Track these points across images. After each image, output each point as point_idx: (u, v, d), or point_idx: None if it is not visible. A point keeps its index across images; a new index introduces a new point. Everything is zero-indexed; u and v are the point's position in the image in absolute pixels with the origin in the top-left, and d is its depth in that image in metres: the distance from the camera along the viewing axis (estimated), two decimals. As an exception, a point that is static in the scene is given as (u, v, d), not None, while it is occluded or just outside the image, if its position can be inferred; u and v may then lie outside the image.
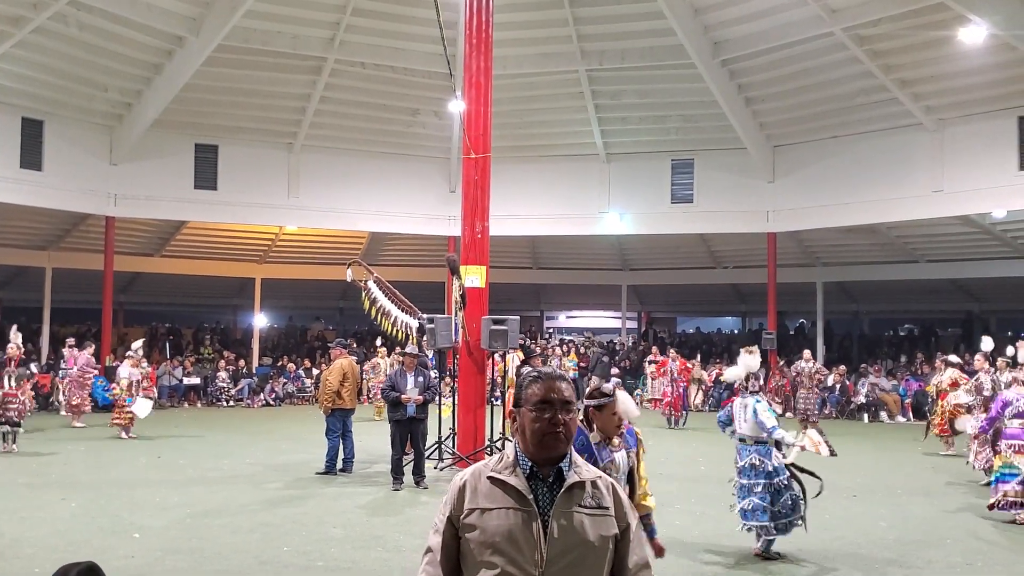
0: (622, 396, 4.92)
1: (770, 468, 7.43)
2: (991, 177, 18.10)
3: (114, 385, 16.03)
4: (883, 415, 20.74)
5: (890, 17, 16.79)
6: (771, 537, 7.43)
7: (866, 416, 20.80)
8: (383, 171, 22.54)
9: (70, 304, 26.30)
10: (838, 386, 21.18)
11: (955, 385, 14.18)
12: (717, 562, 7.42)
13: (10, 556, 7.22)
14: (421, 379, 10.89)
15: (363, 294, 13.35)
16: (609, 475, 4.37)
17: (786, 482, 7.45)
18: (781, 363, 22.22)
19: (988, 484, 9.83)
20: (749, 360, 8.22)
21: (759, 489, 7.41)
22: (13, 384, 13.45)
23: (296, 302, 31.36)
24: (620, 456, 4.76)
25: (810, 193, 20.97)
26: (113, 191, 20.45)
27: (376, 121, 21.88)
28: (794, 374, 18.22)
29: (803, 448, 7.51)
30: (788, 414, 20.92)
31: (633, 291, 29.20)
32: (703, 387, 22.20)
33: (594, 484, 2.48)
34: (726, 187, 21.93)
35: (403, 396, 10.65)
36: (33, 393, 13.85)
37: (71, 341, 19.67)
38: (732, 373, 8.33)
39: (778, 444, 7.49)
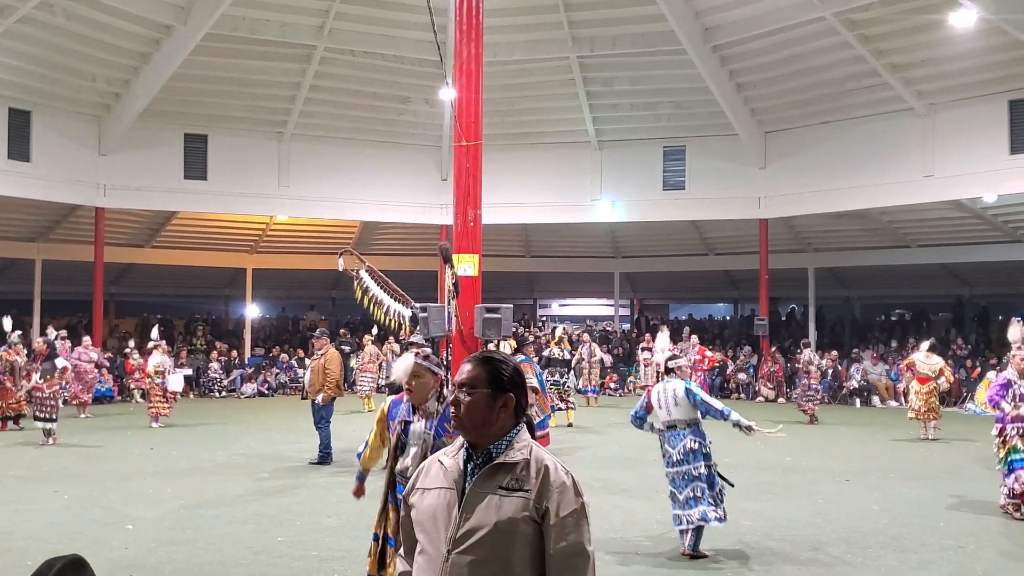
0: (397, 361, 4.86)
1: (707, 450, 7.13)
2: (982, 161, 18.15)
3: (146, 375, 16.29)
4: (875, 400, 20.83)
5: (881, 1, 16.77)
6: (701, 526, 7.06)
7: (858, 401, 20.89)
8: (374, 159, 22.47)
9: (60, 296, 26.17)
10: (830, 371, 21.25)
11: (924, 381, 14.24)
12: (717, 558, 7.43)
13: (2, 548, 7.19)
14: None
15: (355, 283, 13.29)
16: (404, 439, 4.57)
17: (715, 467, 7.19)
18: (773, 349, 22.29)
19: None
20: (662, 341, 8.09)
21: (699, 472, 7.06)
22: (40, 379, 13.62)
23: (288, 292, 31.28)
24: (417, 426, 4.68)
25: (802, 179, 21.00)
26: (102, 182, 20.35)
27: (366, 109, 21.80)
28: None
29: (757, 430, 7.14)
30: (780, 399, 21.05)
31: (626, 278, 29.22)
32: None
33: (524, 466, 2.44)
34: (718, 174, 21.93)
35: None
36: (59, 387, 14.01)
37: (63, 334, 19.57)
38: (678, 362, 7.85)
39: (735, 424, 7.11)
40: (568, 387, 16.50)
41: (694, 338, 18.38)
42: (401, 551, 2.68)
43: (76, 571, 1.93)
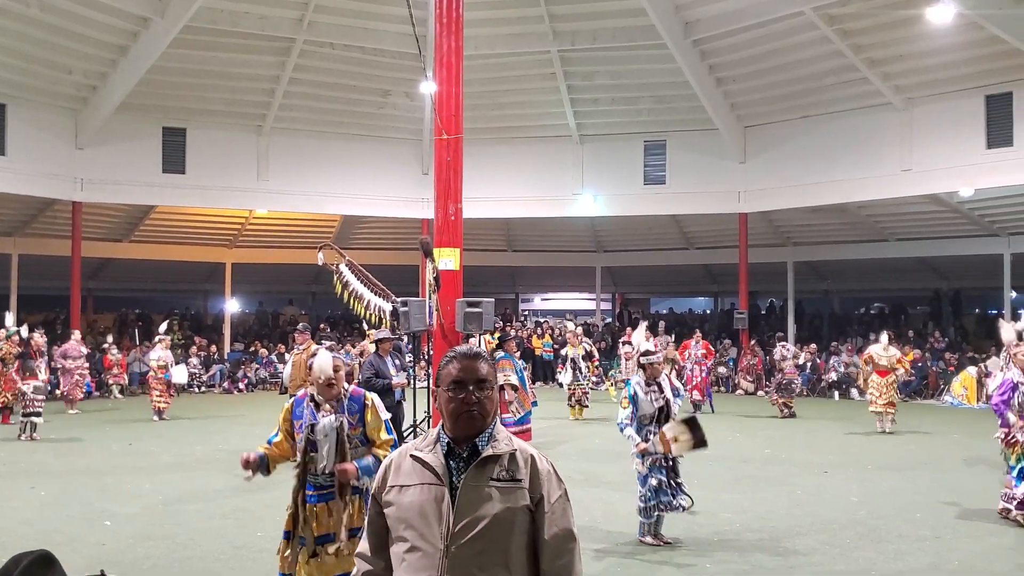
0: (317, 356, 4.88)
1: (634, 450, 7.23)
2: (959, 156, 18.31)
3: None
4: (853, 392, 20.98)
5: (859, -4, 16.89)
6: (645, 520, 7.27)
7: (836, 393, 21.04)
8: (354, 153, 22.38)
9: (37, 291, 25.89)
10: (809, 364, 21.39)
11: (883, 373, 14.42)
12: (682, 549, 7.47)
13: (-21, 546, 7.12)
14: (398, 362, 10.87)
15: (335, 278, 13.25)
16: (313, 438, 4.63)
17: (650, 467, 7.19)
18: (753, 343, 22.41)
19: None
20: (637, 336, 8.18)
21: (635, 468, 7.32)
22: (41, 375, 13.81)
23: (267, 287, 31.11)
24: (326, 421, 4.75)
25: (781, 173, 21.13)
26: (79, 176, 20.15)
27: (347, 103, 21.70)
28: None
29: (643, 450, 7.17)
30: (760, 392, 21.18)
31: (607, 272, 29.29)
32: (676, 367, 22.27)
33: (511, 457, 2.49)
34: (698, 168, 22.03)
35: (394, 382, 10.58)
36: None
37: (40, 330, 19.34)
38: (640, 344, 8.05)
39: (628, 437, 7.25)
40: (588, 384, 16.92)
41: (697, 333, 18.82)
42: (361, 550, 2.63)
43: (44, 567, 1.91)
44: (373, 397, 4.90)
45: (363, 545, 2.62)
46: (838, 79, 19.38)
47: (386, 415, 4.91)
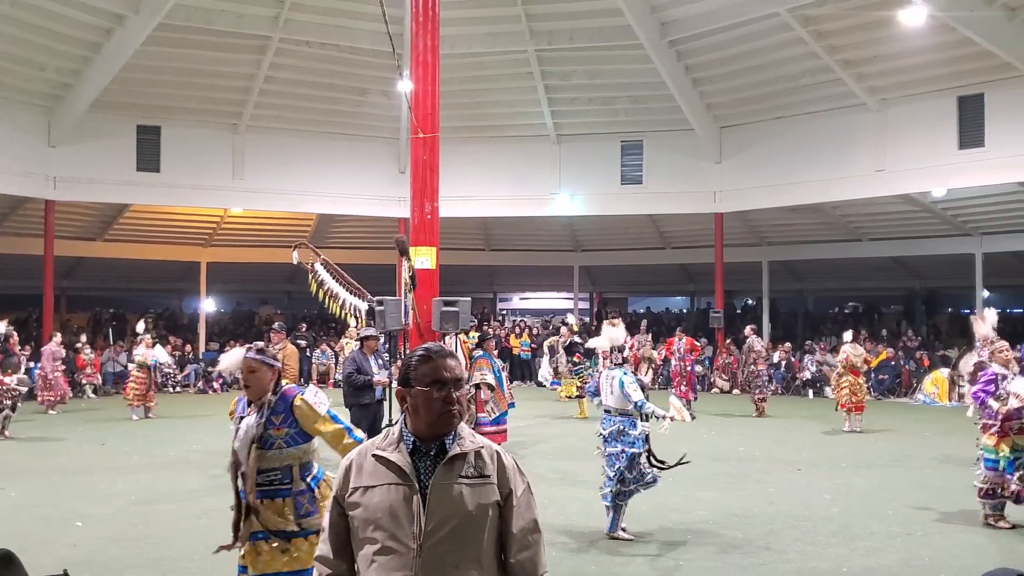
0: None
1: (632, 437, 7.41)
2: (932, 156, 18.53)
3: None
4: (827, 391, 21.14)
5: (834, -2, 17.04)
6: (618, 508, 7.40)
7: (811, 392, 21.20)
8: (330, 152, 22.30)
9: (9, 290, 25.57)
10: (783, 363, 21.54)
11: (857, 374, 14.62)
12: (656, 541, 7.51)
13: (-53, 548, 7.02)
14: (381, 360, 10.87)
15: (310, 277, 13.17)
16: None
17: (641, 452, 7.41)
18: (728, 341, 22.54)
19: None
20: (612, 332, 8.29)
21: (618, 454, 7.43)
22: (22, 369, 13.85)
23: (243, 286, 30.92)
24: (247, 420, 4.68)
25: (756, 173, 21.27)
26: (52, 174, 19.94)
27: (323, 101, 21.61)
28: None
29: (672, 419, 7.46)
30: (735, 391, 21.31)
31: (585, 272, 29.35)
32: (653, 365, 22.35)
33: (477, 454, 2.51)
34: (674, 168, 22.15)
35: (375, 379, 10.57)
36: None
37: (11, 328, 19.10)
38: (596, 343, 8.46)
39: (646, 416, 7.43)
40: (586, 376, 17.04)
41: (679, 330, 19.05)
42: (321, 553, 2.56)
43: (4, 566, 1.90)
44: (305, 396, 4.66)
45: (323, 548, 2.56)
46: (813, 80, 19.54)
47: (324, 407, 4.64)
